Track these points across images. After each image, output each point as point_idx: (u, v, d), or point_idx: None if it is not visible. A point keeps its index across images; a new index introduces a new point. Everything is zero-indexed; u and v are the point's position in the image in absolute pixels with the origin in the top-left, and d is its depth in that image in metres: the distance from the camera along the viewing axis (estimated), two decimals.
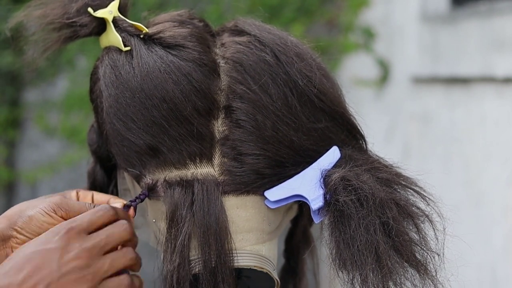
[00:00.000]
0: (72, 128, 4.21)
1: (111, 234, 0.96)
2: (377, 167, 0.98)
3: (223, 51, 1.03)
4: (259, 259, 0.99)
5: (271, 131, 0.98)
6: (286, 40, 1.04)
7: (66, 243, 0.93)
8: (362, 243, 0.92)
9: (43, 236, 0.94)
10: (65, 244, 0.93)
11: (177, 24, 1.05)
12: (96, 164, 1.14)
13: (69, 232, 0.94)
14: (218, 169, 0.98)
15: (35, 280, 0.91)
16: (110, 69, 1.03)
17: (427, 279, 0.94)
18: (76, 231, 0.94)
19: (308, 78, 1.01)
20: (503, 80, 2.93)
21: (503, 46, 2.95)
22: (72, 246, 0.93)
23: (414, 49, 3.55)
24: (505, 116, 2.94)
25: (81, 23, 1.08)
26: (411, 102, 3.55)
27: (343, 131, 1.03)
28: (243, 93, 0.99)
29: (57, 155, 4.53)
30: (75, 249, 0.93)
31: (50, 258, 0.92)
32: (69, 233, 0.94)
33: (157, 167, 0.99)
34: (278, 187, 0.99)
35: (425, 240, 0.95)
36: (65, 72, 4.35)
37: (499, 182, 2.94)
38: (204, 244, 0.95)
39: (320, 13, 3.99)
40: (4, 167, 4.77)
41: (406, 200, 0.96)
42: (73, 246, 0.93)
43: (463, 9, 3.37)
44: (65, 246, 0.93)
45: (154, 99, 0.99)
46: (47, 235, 0.94)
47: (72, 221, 0.95)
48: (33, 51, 1.11)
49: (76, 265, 0.92)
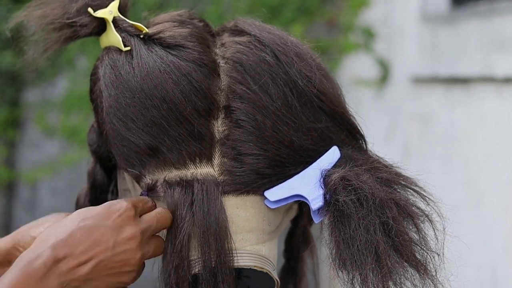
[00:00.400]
0: (72, 128, 4.21)
1: (160, 219, 0.97)
2: (377, 167, 0.98)
3: (223, 51, 1.03)
4: (259, 259, 0.99)
5: (271, 131, 0.98)
6: (286, 40, 1.04)
7: (125, 222, 0.94)
8: (362, 243, 0.92)
9: (103, 210, 0.94)
10: (124, 223, 0.94)
11: (177, 24, 1.05)
12: (96, 164, 1.14)
13: (130, 211, 0.95)
14: (218, 169, 0.98)
15: (90, 255, 0.92)
16: (110, 69, 1.03)
17: (427, 279, 0.94)
18: (134, 212, 0.95)
19: (308, 78, 1.01)
20: (503, 80, 2.93)
21: (503, 46, 2.95)
22: (129, 226, 0.94)
23: (414, 49, 3.55)
24: (505, 116, 2.94)
25: (81, 23, 1.08)
26: (411, 102, 3.55)
27: (343, 131, 1.03)
28: (243, 93, 0.99)
29: (57, 155, 4.53)
30: (132, 230, 0.94)
31: (108, 235, 0.93)
32: (130, 212, 0.95)
33: (157, 167, 0.99)
34: (278, 187, 0.99)
35: (425, 240, 0.95)
36: (65, 72, 4.35)
37: (499, 182, 2.94)
38: (204, 244, 0.95)
39: (320, 13, 3.99)
40: (4, 167, 4.77)
41: (406, 200, 0.96)
42: (131, 226, 0.94)
43: (463, 9, 3.37)
44: (124, 225, 0.94)
45: (154, 99, 0.99)
46: (107, 210, 0.94)
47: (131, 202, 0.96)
48: (33, 51, 1.10)
49: (130, 247, 0.93)
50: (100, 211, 0.94)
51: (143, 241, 0.95)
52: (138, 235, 0.94)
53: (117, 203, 0.95)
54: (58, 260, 0.90)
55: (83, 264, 0.91)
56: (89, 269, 0.91)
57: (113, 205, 0.95)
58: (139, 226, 0.95)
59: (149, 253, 0.96)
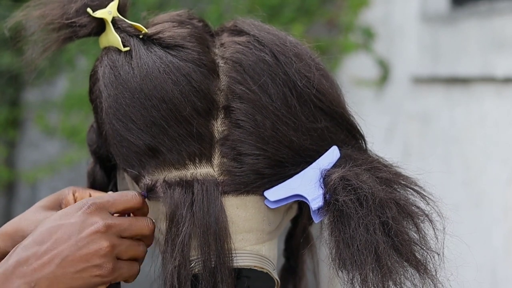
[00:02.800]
0: (72, 128, 4.21)
1: (134, 223, 0.96)
2: (376, 166, 0.98)
3: (222, 51, 1.03)
4: (259, 259, 0.99)
5: (270, 131, 0.98)
6: (285, 40, 1.04)
7: (86, 217, 0.93)
8: (362, 242, 0.92)
9: (66, 210, 0.95)
10: (86, 218, 0.93)
11: (176, 25, 1.05)
12: (96, 164, 1.14)
13: (91, 206, 0.94)
14: (218, 169, 0.98)
15: (54, 253, 0.92)
16: (110, 70, 1.03)
17: (427, 279, 0.94)
18: (99, 206, 0.95)
19: (307, 78, 1.01)
20: (503, 80, 2.93)
21: (503, 46, 2.95)
22: (93, 219, 0.93)
23: (414, 49, 3.55)
24: (505, 116, 2.94)
25: (80, 24, 1.08)
26: (411, 102, 3.55)
27: (343, 131, 1.03)
28: (243, 93, 0.99)
29: (57, 155, 4.53)
30: (96, 222, 0.93)
31: (70, 231, 0.93)
32: (91, 207, 0.94)
33: (157, 167, 0.99)
34: (278, 187, 0.99)
35: (425, 240, 0.94)
36: (65, 72, 4.35)
37: (499, 182, 2.94)
38: (203, 244, 0.95)
39: (320, 13, 3.99)
40: (4, 167, 4.77)
41: (405, 200, 0.96)
42: (93, 219, 0.93)
43: (463, 9, 3.37)
44: (86, 220, 0.93)
45: (154, 99, 0.98)
46: (69, 209, 0.95)
47: (96, 198, 0.96)
48: (33, 51, 1.10)
49: (93, 238, 0.92)
50: (62, 212, 0.95)
51: (110, 234, 0.94)
52: (101, 226, 0.93)
53: (81, 201, 0.95)
54: (21, 263, 0.91)
55: (48, 262, 0.91)
56: (54, 267, 0.91)
57: (75, 204, 0.95)
58: (104, 219, 0.94)
59: (121, 247, 0.94)
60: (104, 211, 0.95)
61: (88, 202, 0.95)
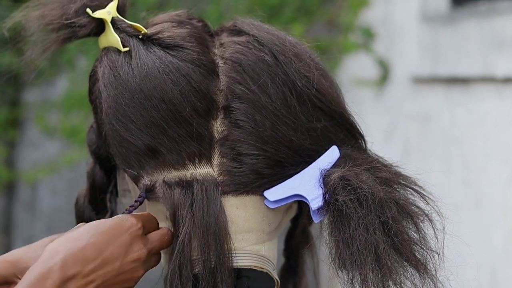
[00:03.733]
0: (72, 128, 4.21)
1: (162, 239, 0.97)
2: (376, 166, 0.98)
3: (222, 51, 1.03)
4: (259, 259, 0.99)
5: (270, 131, 0.98)
6: (285, 40, 1.04)
7: (134, 240, 0.94)
8: (362, 242, 0.92)
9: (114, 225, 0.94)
10: (133, 241, 0.94)
11: (175, 25, 1.05)
12: (96, 164, 1.13)
13: (139, 230, 0.95)
14: (217, 170, 0.98)
15: (98, 274, 0.91)
16: (109, 70, 1.03)
17: (427, 278, 0.94)
18: (143, 231, 0.95)
19: (307, 78, 1.01)
20: (503, 80, 2.93)
21: (503, 46, 2.95)
22: (137, 246, 0.94)
23: (414, 49, 3.55)
24: (505, 116, 2.94)
25: (80, 24, 1.08)
26: (411, 102, 3.55)
27: (342, 131, 1.03)
28: (242, 93, 0.99)
29: (57, 155, 4.54)
30: (139, 250, 0.94)
31: (117, 253, 0.93)
32: (139, 231, 0.95)
33: (156, 168, 0.99)
34: (278, 187, 0.99)
35: (425, 239, 0.94)
36: (65, 72, 4.35)
37: (499, 182, 2.95)
38: (203, 245, 0.95)
39: (320, 13, 3.99)
40: (4, 167, 4.77)
41: (405, 200, 0.96)
42: (138, 246, 0.94)
43: (463, 9, 3.37)
44: (133, 244, 0.94)
45: (153, 99, 0.98)
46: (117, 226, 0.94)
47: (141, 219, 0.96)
48: (32, 51, 1.10)
49: (135, 266, 0.94)
50: (110, 226, 0.94)
51: (147, 260, 0.95)
52: (144, 256, 0.94)
53: (128, 219, 0.95)
54: (68, 279, 0.90)
55: (91, 282, 0.91)
56: (94, 286, 0.91)
57: (123, 221, 0.95)
58: (147, 246, 0.95)
59: (149, 269, 0.97)
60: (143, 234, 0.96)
61: (137, 223, 0.95)
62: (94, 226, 0.94)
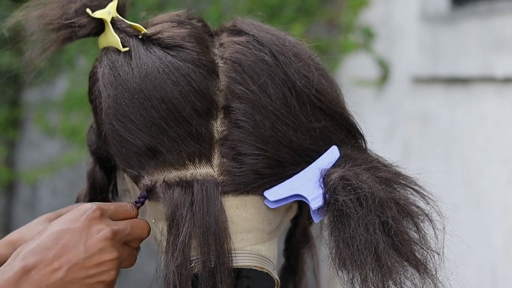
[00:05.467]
0: (72, 128, 4.21)
1: (135, 226, 0.97)
2: (376, 166, 0.98)
3: (221, 51, 1.03)
4: (259, 259, 0.99)
5: (270, 131, 0.98)
6: (284, 40, 1.04)
7: (92, 222, 0.94)
8: (362, 242, 0.92)
9: (70, 215, 0.94)
10: (91, 223, 0.94)
11: (175, 25, 1.05)
12: (96, 164, 1.14)
13: (96, 211, 0.94)
14: (218, 170, 0.98)
15: (63, 260, 0.91)
16: (109, 70, 1.03)
17: (427, 278, 0.94)
18: (102, 212, 0.95)
19: (307, 78, 1.01)
20: (503, 80, 2.93)
21: (503, 46, 2.95)
22: (99, 226, 0.94)
23: (414, 49, 3.55)
24: (505, 116, 2.94)
25: (80, 24, 1.08)
26: (411, 102, 3.55)
27: (342, 131, 1.03)
28: (242, 93, 0.99)
29: (57, 155, 4.53)
30: (102, 229, 0.94)
31: (77, 237, 0.93)
32: (96, 212, 0.94)
33: (156, 168, 0.99)
34: (278, 187, 0.99)
35: (425, 239, 0.94)
36: (65, 72, 4.35)
37: (499, 182, 2.95)
38: (203, 245, 0.95)
39: (320, 13, 3.99)
40: (4, 167, 4.77)
41: (405, 199, 0.96)
42: (99, 226, 0.94)
43: (463, 9, 3.37)
44: (92, 225, 0.93)
45: (153, 99, 0.98)
46: (73, 213, 0.95)
47: (99, 204, 0.96)
48: (32, 51, 1.10)
49: (102, 246, 0.93)
50: (67, 216, 0.95)
51: (117, 242, 0.95)
52: (109, 234, 0.94)
53: (83, 206, 0.95)
54: (29, 269, 0.91)
55: (57, 269, 0.91)
56: (63, 273, 0.91)
57: (78, 209, 0.95)
58: (111, 226, 0.94)
59: (123, 256, 0.96)
60: (107, 217, 0.95)
61: (92, 206, 0.95)
62: (55, 221, 0.95)
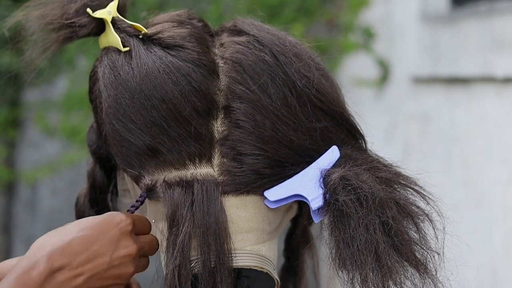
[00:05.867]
0: (72, 128, 4.21)
1: (151, 242, 0.98)
2: (376, 166, 0.98)
3: (222, 51, 1.03)
4: (259, 259, 0.99)
5: (270, 131, 0.98)
6: (285, 40, 1.04)
7: (123, 236, 0.94)
8: (362, 242, 0.92)
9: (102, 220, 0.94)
10: (122, 237, 0.94)
11: (176, 25, 1.05)
12: (96, 164, 1.13)
13: (129, 226, 0.95)
14: (218, 169, 0.98)
15: (87, 267, 0.92)
16: (109, 70, 1.03)
17: (427, 278, 0.94)
18: (132, 228, 0.95)
19: (307, 78, 1.01)
20: (503, 80, 2.93)
21: (503, 46, 2.95)
22: (127, 242, 0.94)
23: (414, 49, 3.55)
24: (505, 116, 2.94)
25: (80, 24, 1.08)
26: (411, 102, 3.55)
27: (343, 131, 1.03)
28: (242, 93, 0.99)
29: (57, 155, 4.54)
30: (129, 246, 0.94)
31: (106, 248, 0.93)
32: (129, 227, 0.95)
33: (156, 167, 0.99)
34: (278, 187, 0.99)
35: (425, 239, 0.95)
36: (65, 72, 4.35)
37: (499, 182, 2.95)
38: (203, 244, 0.95)
39: (320, 13, 3.99)
40: (4, 167, 4.77)
41: (405, 200, 0.96)
42: (128, 242, 0.94)
43: (463, 9, 3.37)
44: (122, 240, 0.94)
45: (153, 99, 0.98)
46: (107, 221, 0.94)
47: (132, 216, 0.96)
48: (32, 51, 1.10)
49: (125, 262, 0.94)
50: (99, 222, 0.94)
51: (137, 258, 0.96)
52: (134, 252, 0.94)
53: (117, 215, 0.95)
54: (55, 270, 0.90)
55: (79, 275, 0.91)
56: (84, 280, 0.91)
57: (113, 217, 0.95)
58: (137, 243, 0.95)
59: (138, 268, 0.96)
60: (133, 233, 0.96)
61: (127, 219, 0.95)
62: (84, 221, 0.95)
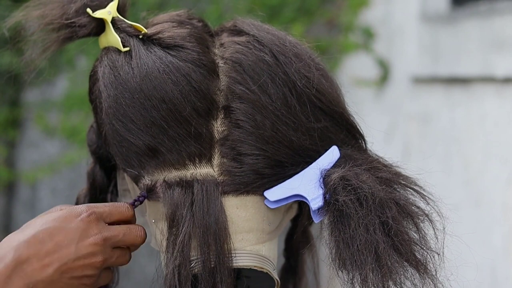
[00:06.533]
0: (72, 128, 4.21)
1: (128, 233, 0.98)
2: (376, 166, 0.98)
3: (222, 51, 1.03)
4: (259, 259, 0.99)
5: (270, 131, 0.98)
6: (285, 40, 1.04)
7: (87, 226, 0.95)
8: (362, 242, 0.92)
9: (65, 213, 0.95)
10: (86, 226, 0.95)
11: (176, 25, 1.05)
12: (96, 164, 1.14)
13: (90, 215, 0.95)
14: (218, 170, 0.98)
15: (54, 257, 0.92)
16: (109, 70, 1.03)
17: (427, 278, 0.94)
18: (97, 216, 0.96)
19: (307, 78, 1.01)
20: (503, 80, 2.93)
21: (503, 46, 2.95)
22: (92, 230, 0.95)
23: (414, 49, 3.55)
24: (505, 116, 2.94)
25: (80, 24, 1.08)
26: (411, 102, 3.55)
27: (343, 131, 1.03)
28: (242, 93, 0.99)
29: (57, 155, 4.53)
30: (95, 234, 0.95)
31: (71, 237, 0.94)
32: (91, 216, 0.95)
33: (156, 167, 0.99)
34: (278, 187, 0.99)
35: (425, 240, 0.95)
36: (65, 72, 4.34)
37: (499, 182, 2.94)
38: (203, 244, 0.95)
39: (320, 13, 3.99)
40: (4, 167, 4.77)
41: (405, 200, 0.96)
42: (93, 230, 0.95)
43: (463, 9, 3.37)
44: (86, 229, 0.95)
45: (153, 99, 0.99)
46: (69, 212, 0.95)
47: (95, 206, 0.97)
48: (32, 51, 1.11)
49: (92, 251, 0.94)
50: (61, 215, 0.95)
51: (106, 247, 0.96)
52: (99, 240, 0.95)
53: (78, 208, 0.96)
54: (22, 261, 0.91)
55: (47, 266, 0.92)
56: (53, 271, 0.92)
57: (74, 209, 0.96)
58: (102, 232, 0.95)
59: (112, 259, 0.97)
60: (102, 221, 0.96)
61: (88, 210, 0.96)
62: (47, 215, 0.96)
